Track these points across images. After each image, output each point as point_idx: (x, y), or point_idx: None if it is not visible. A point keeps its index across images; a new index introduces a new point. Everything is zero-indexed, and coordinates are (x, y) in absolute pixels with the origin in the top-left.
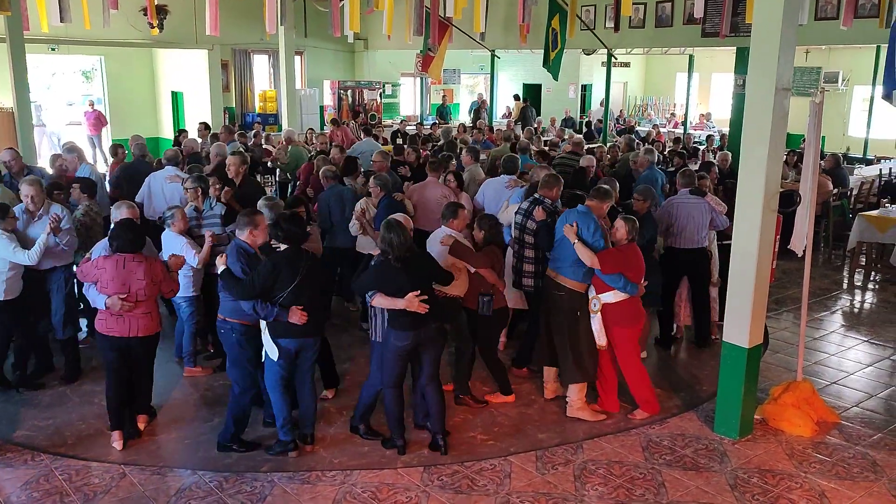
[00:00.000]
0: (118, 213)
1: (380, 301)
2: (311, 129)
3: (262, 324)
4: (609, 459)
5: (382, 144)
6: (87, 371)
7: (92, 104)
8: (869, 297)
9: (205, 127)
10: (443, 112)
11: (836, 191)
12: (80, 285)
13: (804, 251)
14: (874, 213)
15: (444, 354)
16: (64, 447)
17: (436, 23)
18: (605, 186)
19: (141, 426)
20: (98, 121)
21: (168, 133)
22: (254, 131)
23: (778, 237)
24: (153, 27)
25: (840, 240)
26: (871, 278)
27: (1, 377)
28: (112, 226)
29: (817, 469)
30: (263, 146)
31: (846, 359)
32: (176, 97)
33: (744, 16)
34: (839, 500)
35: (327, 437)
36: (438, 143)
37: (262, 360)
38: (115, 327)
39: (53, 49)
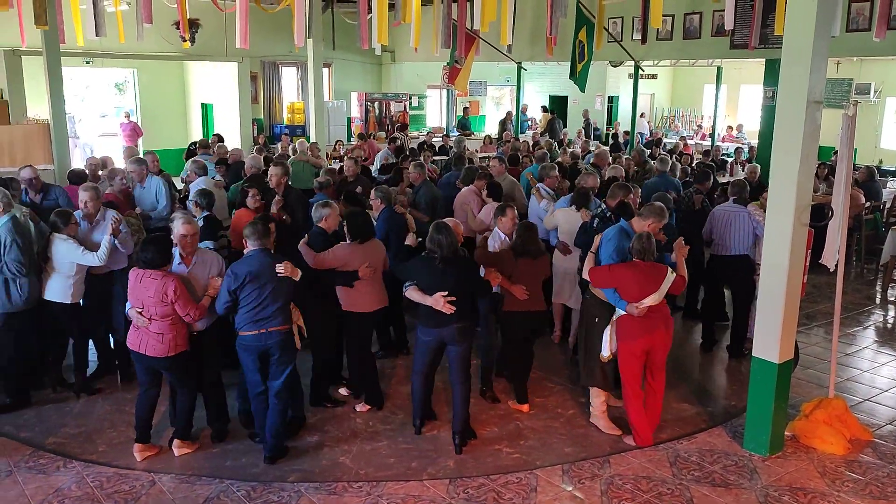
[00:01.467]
0: (174, 225)
1: (412, 294)
2: (340, 140)
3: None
4: (636, 474)
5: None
6: (115, 380)
7: (128, 116)
8: None
9: (218, 139)
10: (465, 124)
11: (868, 204)
12: None
13: (836, 265)
14: None
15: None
16: (95, 454)
17: (462, 35)
18: (659, 204)
19: (175, 451)
20: (134, 132)
21: None
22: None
23: (809, 251)
24: (185, 40)
25: (873, 254)
26: None
27: (60, 379)
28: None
29: (850, 488)
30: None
31: (879, 375)
32: (206, 109)
33: (773, 27)
34: None
35: (354, 448)
36: (448, 157)
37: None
38: (132, 339)
39: (88, 62)
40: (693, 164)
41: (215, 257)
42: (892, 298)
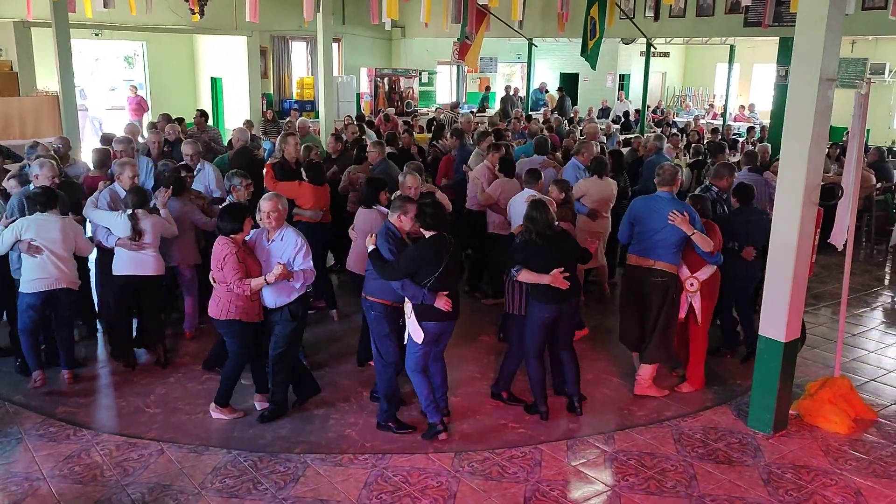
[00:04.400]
0: (263, 203)
1: (526, 276)
2: (349, 116)
3: (408, 307)
4: (640, 451)
5: (418, 132)
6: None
7: (135, 89)
8: None
9: (201, 114)
10: (486, 101)
11: (879, 185)
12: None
13: (845, 246)
14: None
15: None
16: (104, 423)
17: (473, 10)
18: (674, 165)
19: (212, 414)
20: (139, 106)
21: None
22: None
23: (818, 231)
24: (194, 13)
25: (883, 235)
26: None
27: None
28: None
29: (853, 466)
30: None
31: (885, 356)
32: (215, 83)
33: (788, 5)
34: (876, 499)
35: (361, 420)
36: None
37: (405, 341)
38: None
39: (97, 34)
40: (704, 143)
41: (296, 239)
42: None
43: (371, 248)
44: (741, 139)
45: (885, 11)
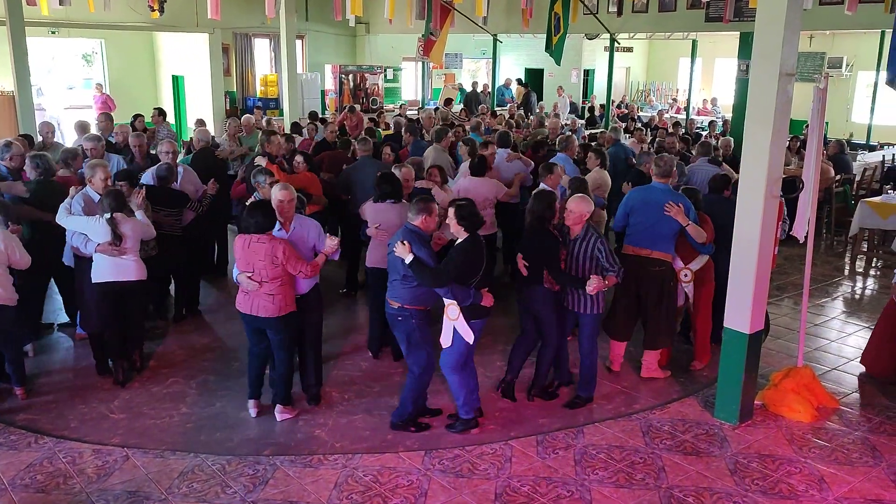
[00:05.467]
0: (279, 194)
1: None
2: (303, 117)
3: (451, 310)
4: (609, 444)
5: (384, 130)
6: (86, 356)
7: (100, 87)
8: (870, 283)
9: (159, 112)
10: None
11: (838, 177)
12: None
13: (806, 237)
14: (877, 199)
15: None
16: (67, 430)
17: (437, 7)
18: (669, 157)
19: (278, 416)
20: (106, 105)
21: (169, 117)
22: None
23: (780, 223)
24: (153, 10)
25: (842, 226)
26: (873, 265)
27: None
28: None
29: (817, 454)
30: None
31: (847, 345)
32: (177, 81)
33: (748, 0)
34: (838, 485)
35: (330, 421)
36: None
37: (448, 345)
38: (242, 303)
39: (54, 32)
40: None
41: (313, 223)
42: (861, 270)
43: (410, 257)
44: (704, 133)
45: (842, 6)
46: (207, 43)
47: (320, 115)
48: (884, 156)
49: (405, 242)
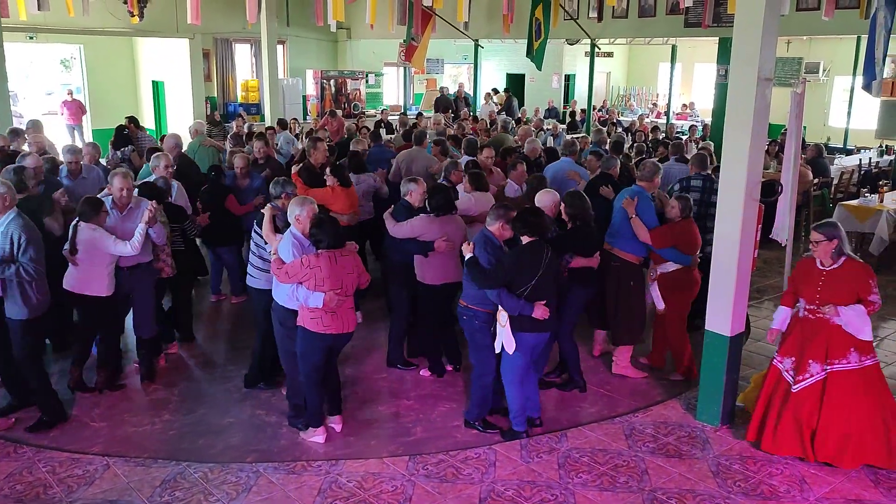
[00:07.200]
0: (301, 209)
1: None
2: (295, 118)
3: (501, 316)
4: (593, 447)
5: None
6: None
7: (71, 93)
8: None
9: (130, 121)
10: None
11: (817, 180)
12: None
13: (786, 240)
14: (854, 202)
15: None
16: (46, 440)
17: (419, 12)
18: (654, 162)
19: (338, 427)
20: (79, 110)
21: (149, 123)
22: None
23: (760, 226)
24: (133, 15)
25: None
26: None
27: (80, 382)
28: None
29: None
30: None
31: None
32: (157, 86)
33: (726, 6)
34: (819, 486)
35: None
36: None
37: (497, 350)
38: (332, 324)
39: (32, 38)
40: (648, 142)
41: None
42: None
43: (469, 255)
44: (684, 137)
45: (819, 12)
46: (188, 48)
47: (301, 123)
48: (860, 159)
49: (471, 243)
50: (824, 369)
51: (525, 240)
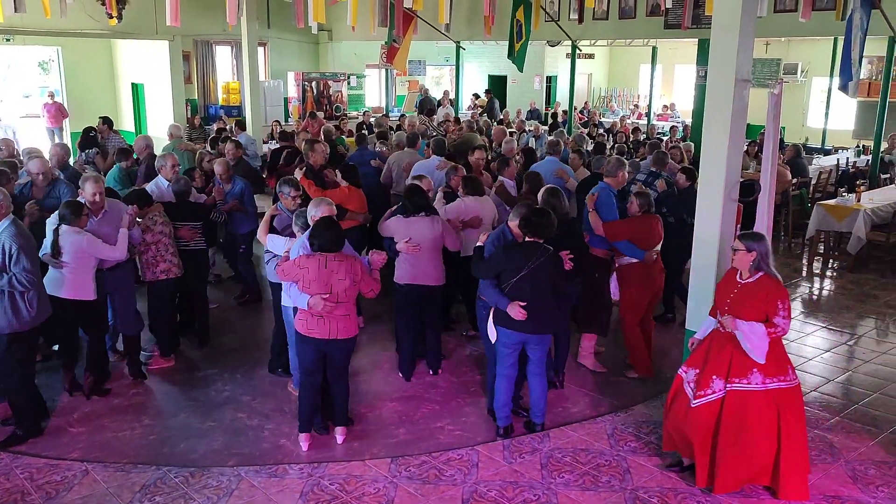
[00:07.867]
0: (317, 210)
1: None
2: (277, 121)
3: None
4: (575, 447)
5: (347, 137)
6: (39, 370)
7: (52, 96)
8: (827, 284)
9: (103, 121)
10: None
11: (795, 181)
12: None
13: None
14: (832, 202)
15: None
16: (24, 445)
17: (400, 14)
18: (619, 157)
19: (339, 438)
20: (59, 112)
21: (129, 125)
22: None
23: (738, 226)
24: (111, 17)
25: (799, 229)
26: (829, 266)
27: (74, 382)
28: (311, 224)
29: None
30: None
31: (805, 345)
32: (136, 89)
33: (705, 7)
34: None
35: (295, 430)
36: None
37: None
38: (315, 328)
39: (9, 40)
40: (629, 142)
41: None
42: (817, 271)
43: (479, 244)
44: (665, 138)
45: (796, 14)
46: (168, 50)
47: (282, 126)
48: (838, 159)
49: (487, 234)
50: (725, 387)
51: (528, 238)
